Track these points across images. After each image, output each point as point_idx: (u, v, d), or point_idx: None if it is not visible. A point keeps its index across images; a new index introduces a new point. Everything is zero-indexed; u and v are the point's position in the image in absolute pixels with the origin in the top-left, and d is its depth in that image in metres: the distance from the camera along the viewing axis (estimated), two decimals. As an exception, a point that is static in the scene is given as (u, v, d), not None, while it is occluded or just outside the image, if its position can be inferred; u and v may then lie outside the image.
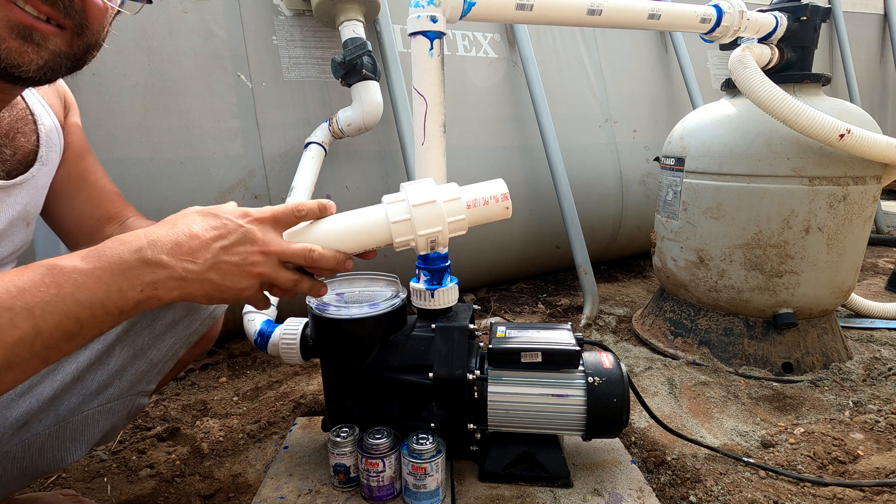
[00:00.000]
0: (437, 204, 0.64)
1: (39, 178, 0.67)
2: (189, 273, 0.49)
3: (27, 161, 0.64)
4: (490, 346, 0.84)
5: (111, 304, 0.45)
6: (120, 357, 0.63)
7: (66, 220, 0.75)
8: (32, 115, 0.66)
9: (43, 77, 0.52)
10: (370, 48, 1.39)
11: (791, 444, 1.03)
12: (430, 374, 0.82)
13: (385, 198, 0.66)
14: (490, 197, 0.67)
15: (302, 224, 0.62)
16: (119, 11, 0.58)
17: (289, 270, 0.58)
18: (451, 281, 0.91)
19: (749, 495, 0.88)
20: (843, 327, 1.52)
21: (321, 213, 0.63)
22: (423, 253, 0.66)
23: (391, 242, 0.65)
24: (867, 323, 1.61)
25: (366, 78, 1.40)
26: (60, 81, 0.72)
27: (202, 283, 0.50)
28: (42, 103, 0.68)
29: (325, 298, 0.88)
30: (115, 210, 0.77)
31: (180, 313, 0.69)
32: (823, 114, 1.12)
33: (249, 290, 0.54)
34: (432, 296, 0.88)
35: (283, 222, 0.58)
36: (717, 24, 1.20)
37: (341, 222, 0.64)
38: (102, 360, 0.62)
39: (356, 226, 0.64)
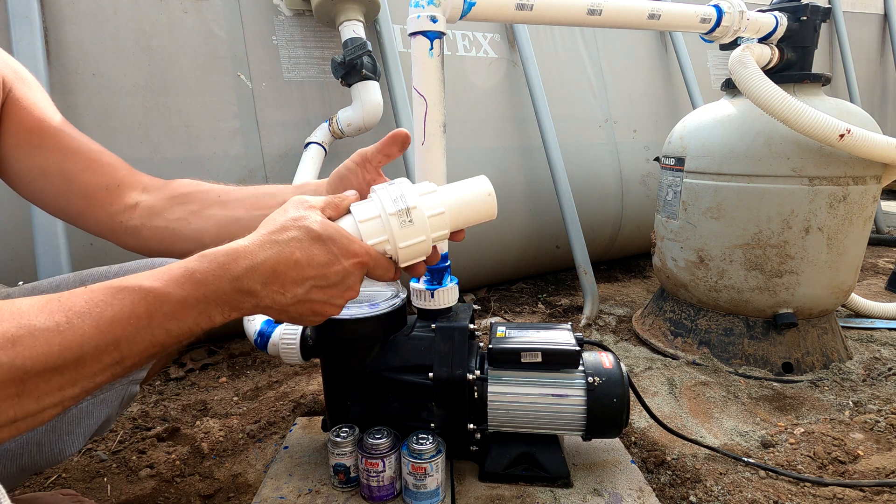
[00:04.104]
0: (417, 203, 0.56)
1: None
2: (274, 303, 0.48)
3: None
4: (490, 346, 0.84)
5: (197, 329, 0.45)
6: None
7: (77, 199, 0.66)
8: None
9: None
10: (370, 48, 1.39)
11: (791, 444, 1.03)
12: (430, 374, 0.82)
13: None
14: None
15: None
16: None
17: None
18: (451, 281, 0.91)
19: (749, 495, 0.88)
20: (843, 327, 1.52)
21: None
22: (403, 265, 0.58)
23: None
24: (867, 323, 1.61)
25: (366, 78, 1.40)
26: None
27: (278, 313, 0.50)
28: None
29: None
30: (121, 174, 0.68)
31: None
32: (823, 114, 1.12)
33: (313, 322, 0.54)
34: (432, 296, 0.87)
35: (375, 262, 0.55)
36: (717, 24, 1.20)
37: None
38: None
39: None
